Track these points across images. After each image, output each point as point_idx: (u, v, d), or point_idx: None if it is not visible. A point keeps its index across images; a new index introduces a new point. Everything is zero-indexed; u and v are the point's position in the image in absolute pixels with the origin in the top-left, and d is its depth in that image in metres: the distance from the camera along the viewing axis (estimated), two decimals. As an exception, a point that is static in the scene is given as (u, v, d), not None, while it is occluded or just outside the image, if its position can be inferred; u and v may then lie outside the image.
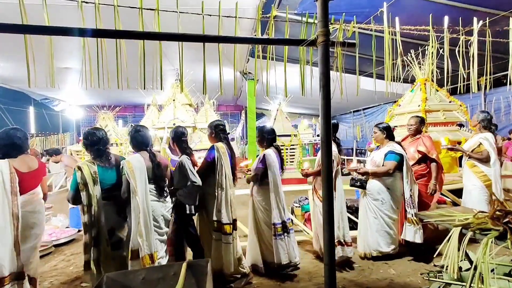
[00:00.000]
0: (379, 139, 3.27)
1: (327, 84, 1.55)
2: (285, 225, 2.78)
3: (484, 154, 3.45)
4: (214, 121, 2.93)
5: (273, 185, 2.77)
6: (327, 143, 1.61)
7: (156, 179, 2.39)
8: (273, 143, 3.00)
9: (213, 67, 2.42)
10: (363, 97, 8.35)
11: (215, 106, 7.13)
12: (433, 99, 4.78)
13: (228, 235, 2.60)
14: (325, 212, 1.68)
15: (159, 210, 2.38)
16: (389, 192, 3.08)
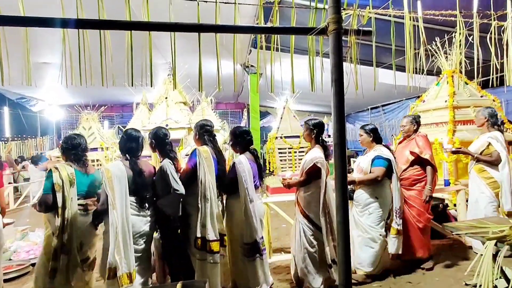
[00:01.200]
0: (365, 143, 3.29)
1: (340, 77, 1.54)
2: (256, 245, 2.71)
3: (494, 156, 3.42)
4: (200, 121, 2.93)
5: (244, 198, 2.69)
6: (341, 146, 1.60)
7: (137, 190, 2.41)
8: (248, 147, 2.95)
9: (211, 60, 2.43)
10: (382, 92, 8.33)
11: (213, 104, 7.15)
12: (462, 93, 4.76)
13: (215, 254, 2.55)
14: (340, 225, 1.66)
15: (139, 225, 2.40)
16: (377, 202, 3.06)
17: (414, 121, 3.50)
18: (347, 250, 1.66)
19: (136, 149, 2.57)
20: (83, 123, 6.53)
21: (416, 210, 3.26)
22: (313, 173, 2.85)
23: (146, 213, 2.48)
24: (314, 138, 3.02)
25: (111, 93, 11.82)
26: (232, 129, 3.03)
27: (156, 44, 6.02)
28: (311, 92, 2.57)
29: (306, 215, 2.89)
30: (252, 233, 2.69)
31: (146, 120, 6.18)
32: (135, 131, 2.65)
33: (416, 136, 3.45)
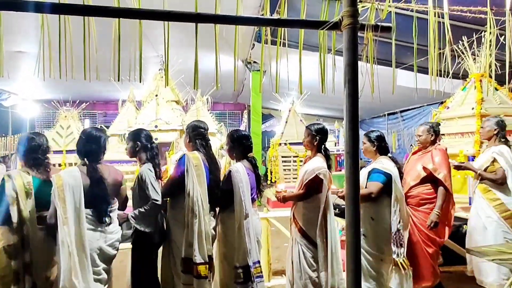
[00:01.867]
0: (368, 152, 3.20)
1: (354, 77, 1.55)
2: (248, 271, 2.60)
3: (499, 174, 3.36)
4: (192, 122, 2.90)
5: (239, 213, 2.61)
6: (354, 155, 1.60)
7: (94, 202, 2.34)
8: (247, 154, 2.90)
9: (208, 54, 2.43)
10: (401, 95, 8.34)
11: (209, 104, 7.17)
12: (491, 100, 4.77)
13: (202, 279, 2.48)
14: (350, 246, 1.66)
15: (96, 243, 2.34)
16: (373, 223, 2.93)
17: (432, 130, 3.41)
18: (357, 275, 1.65)
19: (96, 152, 2.48)
20: (61, 121, 6.55)
21: (424, 234, 3.16)
22: (314, 185, 2.81)
23: (105, 229, 2.40)
24: (316, 146, 2.98)
25: (94, 89, 11.86)
26: (230, 132, 3.01)
27: (147, 35, 6.06)
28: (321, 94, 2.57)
29: (306, 235, 2.83)
30: (245, 255, 2.60)
31: (133, 120, 6.20)
32: (96, 130, 2.58)
33: (433, 149, 3.35)
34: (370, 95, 2.52)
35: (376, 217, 2.94)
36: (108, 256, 2.44)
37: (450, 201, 3.25)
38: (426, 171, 3.22)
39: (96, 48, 2.15)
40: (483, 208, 3.47)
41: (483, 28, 4.15)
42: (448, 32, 3.04)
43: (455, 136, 4.90)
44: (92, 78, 2.19)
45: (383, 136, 3.20)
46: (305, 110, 12.52)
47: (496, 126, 3.54)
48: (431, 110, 6.08)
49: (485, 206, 3.45)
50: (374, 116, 14.64)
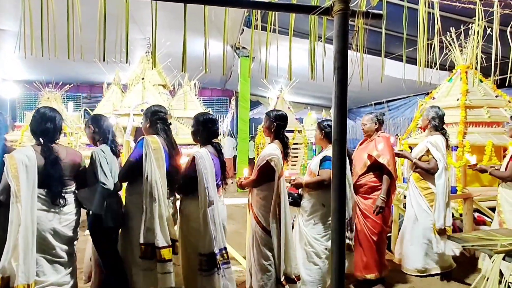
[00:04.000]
0: (319, 140, 3.25)
1: (344, 64, 1.55)
2: (213, 258, 2.57)
3: (432, 164, 3.44)
4: (152, 106, 2.85)
5: (203, 200, 2.56)
6: (341, 142, 1.61)
7: (48, 181, 2.32)
8: (212, 139, 2.84)
9: (197, 38, 2.40)
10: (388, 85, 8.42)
11: (197, 89, 7.09)
12: (476, 92, 4.86)
13: (166, 262, 2.44)
14: (335, 232, 1.69)
15: (48, 224, 2.32)
16: (324, 210, 2.96)
17: (376, 119, 3.45)
18: (341, 260, 1.68)
19: (52, 132, 2.45)
20: (43, 103, 6.38)
21: (371, 221, 3.21)
22: (266, 172, 2.79)
23: (60, 210, 2.38)
24: (274, 132, 2.97)
25: (78, 70, 11.55)
26: (195, 115, 2.92)
27: (134, 16, 5.90)
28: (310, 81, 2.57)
29: (259, 222, 2.83)
30: (211, 242, 2.56)
31: (119, 103, 6.08)
32: (50, 109, 2.52)
33: (376, 136, 3.40)
34: (359, 83, 2.54)
35: (328, 204, 2.91)
36: (66, 237, 2.42)
37: (393, 186, 3.32)
38: (370, 158, 3.27)
39: (81, 27, 2.09)
40: (415, 197, 3.57)
41: (471, 20, 4.19)
42: (438, 22, 3.06)
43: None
44: (76, 58, 2.12)
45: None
46: (293, 98, 12.52)
47: (430, 115, 3.59)
48: (418, 100, 6.16)
49: (417, 194, 3.55)
50: (361, 105, 14.75)
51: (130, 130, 5.36)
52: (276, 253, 2.72)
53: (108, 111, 5.85)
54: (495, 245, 2.08)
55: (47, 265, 2.33)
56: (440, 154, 3.40)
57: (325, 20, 2.36)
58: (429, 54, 3.49)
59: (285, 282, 2.72)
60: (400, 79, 3.31)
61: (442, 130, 3.58)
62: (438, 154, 3.40)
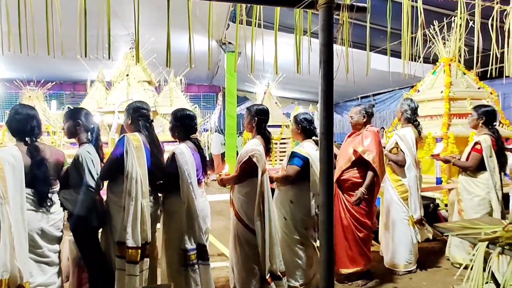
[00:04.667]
0: (294, 134, 3.22)
1: (329, 58, 1.55)
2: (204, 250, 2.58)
3: (400, 156, 3.44)
4: (133, 103, 2.80)
5: (187, 196, 2.53)
6: (328, 136, 1.62)
7: (35, 182, 2.29)
8: (191, 134, 2.79)
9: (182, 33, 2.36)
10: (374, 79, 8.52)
11: (183, 86, 7.02)
12: (459, 84, 4.95)
13: (132, 264, 2.40)
14: (323, 224, 1.70)
15: (37, 224, 2.29)
16: (292, 207, 2.95)
17: (364, 111, 3.35)
18: (330, 252, 1.70)
19: (37, 130, 2.41)
20: (25, 102, 6.21)
21: (356, 218, 3.17)
22: (248, 168, 2.76)
23: (47, 210, 2.35)
24: (255, 127, 2.93)
25: (61, 68, 11.32)
26: (173, 111, 2.87)
27: (117, 12, 5.80)
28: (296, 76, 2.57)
29: (241, 219, 2.81)
30: (191, 238, 2.55)
31: (103, 101, 5.97)
32: (28, 107, 2.46)
33: (364, 130, 3.30)
34: (345, 77, 2.55)
35: (295, 200, 2.95)
36: (53, 237, 2.39)
37: (377, 183, 3.27)
38: (355, 154, 3.18)
39: (61, 23, 2.03)
40: (388, 189, 3.56)
41: (453, 13, 4.26)
42: (421, 16, 3.09)
43: (424, 118, 5.07)
44: (57, 55, 2.07)
45: (310, 119, 3.14)
46: (280, 93, 12.53)
47: (405, 108, 3.58)
48: (403, 93, 6.25)
49: (389, 187, 3.54)
50: (347, 99, 14.89)
51: (115, 128, 5.28)
52: (260, 251, 2.70)
53: (93, 109, 5.75)
54: (479, 233, 2.14)
55: (34, 266, 2.30)
56: (408, 147, 3.38)
57: (310, 14, 2.36)
58: (413, 47, 3.53)
59: (270, 280, 2.70)
60: (386, 73, 3.34)
61: (415, 123, 3.56)
62: (404, 147, 3.39)
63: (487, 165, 3.26)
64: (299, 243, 2.96)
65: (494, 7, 3.34)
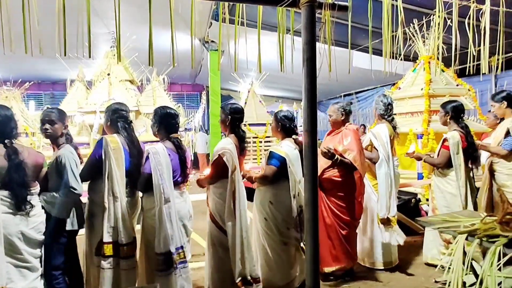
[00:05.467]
0: (274, 132, 3.18)
1: (312, 56, 1.57)
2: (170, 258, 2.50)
3: (374, 153, 3.43)
4: (112, 104, 2.78)
5: (158, 198, 2.50)
6: (312, 133, 1.64)
7: (12, 184, 2.24)
8: (172, 133, 2.75)
9: (164, 31, 2.34)
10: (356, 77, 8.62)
11: (166, 85, 6.94)
12: (438, 81, 5.08)
13: (129, 259, 2.46)
14: (309, 222, 1.72)
15: (15, 227, 2.24)
16: (272, 207, 2.92)
17: (342, 109, 3.32)
18: (315, 250, 1.72)
19: (15, 131, 2.36)
20: (1, 102, 6.02)
21: (339, 216, 3.15)
22: (219, 167, 2.73)
23: (27, 213, 2.30)
24: (229, 126, 2.90)
25: (40, 67, 11.00)
26: (156, 108, 2.84)
27: (97, 9, 5.68)
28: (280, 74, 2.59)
29: (214, 220, 2.79)
30: (166, 241, 2.50)
31: (84, 101, 5.85)
32: (3, 108, 2.40)
33: (344, 129, 3.27)
34: (327, 75, 2.58)
35: (275, 200, 2.92)
36: (34, 240, 2.35)
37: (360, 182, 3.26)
38: (336, 152, 3.12)
39: (38, 21, 1.98)
40: (366, 187, 3.51)
41: (432, 12, 4.37)
42: (401, 14, 3.16)
43: (405, 115, 5.19)
44: (35, 54, 2.02)
45: (291, 117, 3.10)
46: (264, 92, 12.55)
47: (377, 104, 3.59)
48: (384, 91, 6.36)
49: (367, 185, 3.52)
50: (331, 97, 15.03)
51: (97, 128, 5.18)
52: (231, 252, 2.67)
53: (73, 109, 5.63)
54: (459, 226, 2.21)
55: (14, 271, 2.24)
56: (381, 144, 3.38)
57: (293, 13, 2.38)
58: (394, 45, 3.60)
59: (240, 284, 2.66)
60: (368, 71, 3.41)
61: (389, 118, 3.55)
62: (378, 143, 3.39)
63: (453, 162, 3.29)
64: (281, 243, 2.93)
65: (470, 6, 3.43)
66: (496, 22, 3.58)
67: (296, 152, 2.95)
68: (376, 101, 3.61)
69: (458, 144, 3.27)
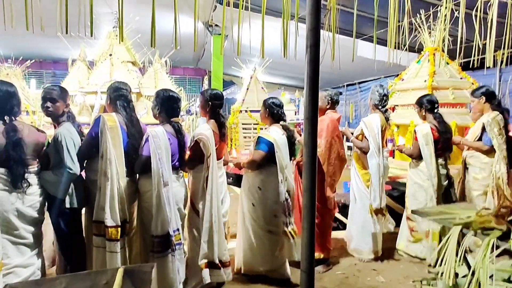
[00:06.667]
0: (263, 118, 3.20)
1: (316, 43, 1.56)
2: (168, 239, 2.53)
3: (364, 142, 3.42)
4: (114, 83, 2.76)
5: (156, 181, 2.50)
6: (313, 121, 1.64)
7: (9, 162, 2.24)
8: (172, 117, 2.73)
9: (167, 14, 2.32)
10: (360, 66, 8.56)
11: (168, 67, 6.91)
12: (442, 73, 5.04)
13: (113, 241, 2.44)
14: (305, 208, 1.74)
15: (11, 204, 2.26)
16: (260, 193, 2.95)
17: (329, 97, 3.35)
18: (311, 235, 1.75)
19: (17, 108, 2.35)
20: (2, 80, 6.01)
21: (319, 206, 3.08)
22: (197, 152, 2.73)
23: (24, 190, 2.31)
24: (209, 112, 2.90)
25: (41, 45, 10.94)
26: (158, 90, 2.84)
27: (100, -12, 5.60)
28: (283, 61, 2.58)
29: (193, 203, 2.84)
30: (164, 223, 2.52)
31: (85, 81, 5.83)
32: (6, 84, 2.37)
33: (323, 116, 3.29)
34: (331, 63, 2.57)
35: (263, 186, 2.95)
36: (30, 218, 2.36)
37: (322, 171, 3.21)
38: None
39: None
40: (353, 176, 3.56)
41: (439, 3, 4.31)
42: (408, 4, 3.12)
43: (408, 107, 5.16)
44: (37, 31, 2.01)
45: (279, 104, 3.14)
46: (267, 79, 12.49)
47: (372, 94, 3.56)
48: (388, 81, 6.32)
49: (355, 174, 3.54)
50: (333, 86, 14.96)
51: (98, 109, 5.19)
52: (204, 236, 2.70)
53: (74, 89, 5.61)
54: (454, 218, 2.23)
55: (10, 247, 2.27)
56: (372, 134, 3.38)
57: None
58: (399, 35, 3.57)
59: (204, 266, 2.69)
60: (371, 61, 3.38)
61: (382, 109, 3.54)
62: (369, 133, 3.39)
63: (422, 153, 3.33)
64: (266, 230, 2.96)
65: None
66: (504, 15, 3.53)
67: (284, 137, 2.98)
68: (372, 90, 3.59)
69: (427, 136, 3.31)
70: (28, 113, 5.82)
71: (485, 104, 3.51)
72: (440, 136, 3.36)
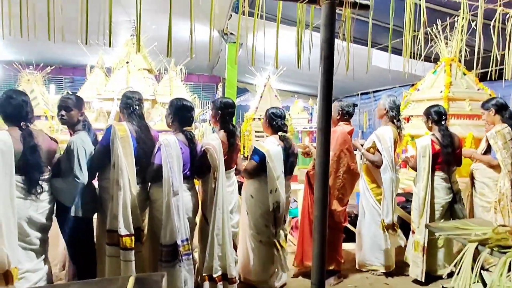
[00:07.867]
0: (264, 128, 3.23)
1: (330, 54, 1.55)
2: (175, 249, 2.53)
3: (377, 156, 3.35)
4: (126, 92, 2.81)
5: (167, 190, 2.52)
6: (326, 132, 1.63)
7: (25, 169, 2.27)
8: (185, 126, 2.75)
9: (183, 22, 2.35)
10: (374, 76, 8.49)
11: (183, 75, 6.98)
12: (459, 84, 4.95)
13: (128, 251, 2.45)
14: (317, 219, 1.72)
15: (25, 211, 2.29)
16: (252, 201, 2.96)
17: (340, 108, 3.33)
18: (323, 247, 1.72)
19: (30, 115, 2.41)
20: (24, 85, 6.17)
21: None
22: (206, 162, 2.74)
23: (37, 197, 2.35)
24: (219, 121, 2.90)
25: (61, 52, 11.23)
26: (172, 99, 2.87)
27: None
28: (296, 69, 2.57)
29: (203, 213, 2.85)
30: (173, 233, 2.53)
31: (102, 88, 5.94)
32: (19, 92, 2.44)
33: (334, 128, 3.28)
34: (344, 73, 2.55)
35: (255, 195, 2.98)
36: (41, 225, 2.40)
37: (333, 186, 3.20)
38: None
39: (62, 6, 2.02)
40: (363, 190, 3.50)
41: (456, 13, 4.25)
42: (424, 14, 3.08)
43: (422, 117, 5.08)
44: (58, 39, 2.06)
45: (279, 114, 3.11)
46: (281, 86, 12.48)
47: (387, 105, 3.52)
48: (403, 91, 6.24)
49: (365, 188, 3.47)
50: (347, 95, 14.85)
51: (114, 115, 5.26)
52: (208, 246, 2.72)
53: (91, 95, 5.73)
54: (470, 234, 2.17)
55: (22, 253, 2.31)
56: (385, 147, 3.31)
57: (313, 8, 2.35)
58: (414, 45, 3.53)
59: (206, 278, 2.70)
60: (386, 70, 3.34)
61: (398, 122, 3.50)
62: (382, 147, 3.33)
63: (418, 165, 3.29)
64: (256, 241, 2.96)
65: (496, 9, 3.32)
66: (524, 26, 3.46)
67: (279, 148, 2.99)
68: (389, 102, 3.52)
69: (425, 148, 3.25)
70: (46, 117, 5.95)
71: (495, 116, 3.43)
72: (441, 149, 3.27)
